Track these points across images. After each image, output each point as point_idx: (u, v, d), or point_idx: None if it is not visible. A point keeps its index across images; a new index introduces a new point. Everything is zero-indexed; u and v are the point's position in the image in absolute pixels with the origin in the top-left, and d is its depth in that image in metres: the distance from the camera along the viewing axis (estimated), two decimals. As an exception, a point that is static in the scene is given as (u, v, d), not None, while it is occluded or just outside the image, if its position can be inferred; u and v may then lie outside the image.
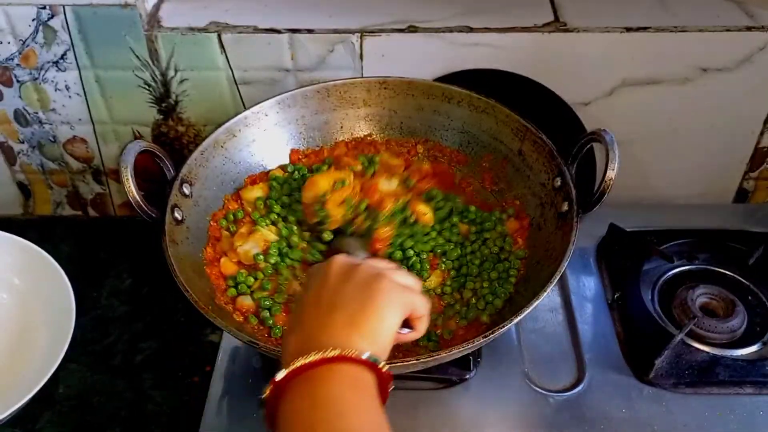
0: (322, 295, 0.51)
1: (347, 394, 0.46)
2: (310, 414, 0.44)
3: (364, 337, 0.48)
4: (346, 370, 0.46)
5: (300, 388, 0.46)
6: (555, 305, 0.78)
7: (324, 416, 0.44)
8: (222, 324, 0.59)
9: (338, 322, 0.48)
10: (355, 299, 0.50)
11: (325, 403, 0.45)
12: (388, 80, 0.77)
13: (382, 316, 0.49)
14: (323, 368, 0.46)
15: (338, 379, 0.46)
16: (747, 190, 0.91)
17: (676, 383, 0.69)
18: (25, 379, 0.69)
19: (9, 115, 0.84)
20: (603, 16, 0.78)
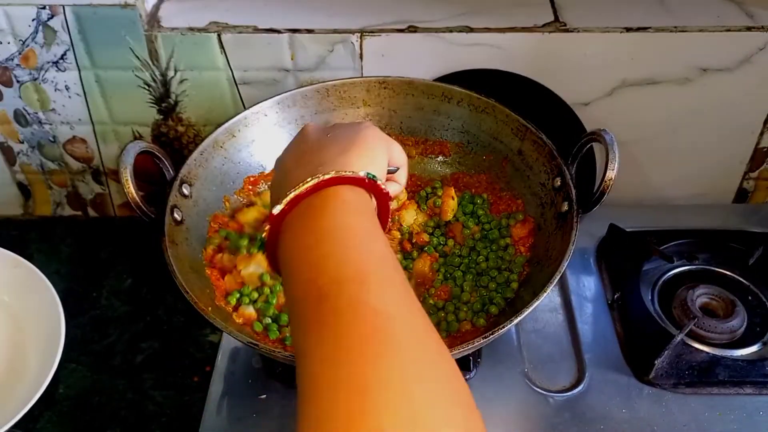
0: (303, 146, 0.49)
1: (351, 221, 0.42)
2: (315, 249, 0.41)
3: (360, 158, 0.46)
4: (345, 193, 0.43)
5: (300, 222, 0.43)
6: (555, 305, 0.78)
7: (330, 251, 0.40)
8: (221, 325, 0.59)
9: (329, 154, 0.46)
10: (341, 138, 0.48)
11: (330, 235, 0.41)
12: (388, 80, 0.77)
13: (371, 146, 0.48)
14: (321, 194, 0.43)
15: (339, 204, 0.43)
16: (747, 190, 0.91)
17: (676, 383, 0.69)
18: (16, 396, 0.69)
19: (9, 115, 0.84)
20: (603, 16, 0.78)
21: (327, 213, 0.42)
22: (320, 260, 0.40)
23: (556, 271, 0.60)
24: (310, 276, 0.40)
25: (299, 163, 0.47)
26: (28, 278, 0.77)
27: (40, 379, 0.68)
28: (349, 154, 0.46)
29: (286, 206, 0.43)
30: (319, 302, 0.38)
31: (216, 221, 0.72)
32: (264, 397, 0.69)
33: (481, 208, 0.75)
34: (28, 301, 0.77)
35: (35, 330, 0.75)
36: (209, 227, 0.71)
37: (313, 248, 0.41)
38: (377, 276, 0.39)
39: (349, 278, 0.39)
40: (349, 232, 0.42)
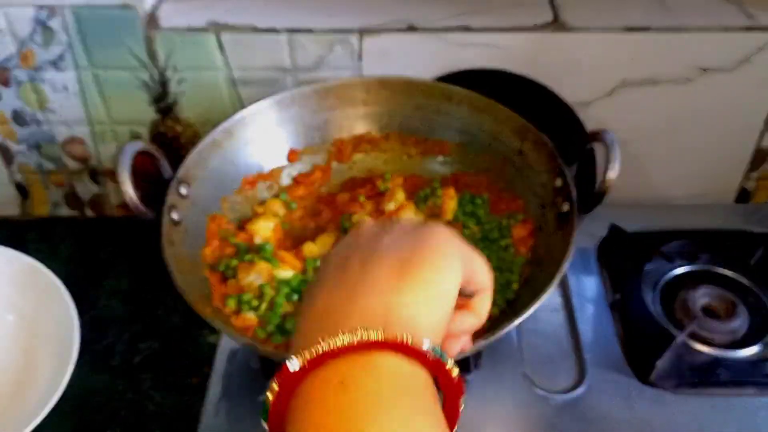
0: (350, 252, 0.35)
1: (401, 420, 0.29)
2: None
3: (419, 290, 0.32)
4: (395, 367, 0.30)
5: (322, 402, 0.30)
6: (555, 306, 0.77)
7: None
8: (220, 326, 0.59)
9: (379, 278, 0.32)
10: (398, 250, 0.34)
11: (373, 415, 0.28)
12: (388, 80, 0.77)
13: (438, 266, 0.33)
14: (358, 359, 0.30)
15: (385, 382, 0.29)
16: (748, 190, 0.91)
17: (677, 384, 0.69)
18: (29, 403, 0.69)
19: (7, 115, 0.84)
20: (603, 16, 0.78)
21: (363, 402, 0.29)
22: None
23: (557, 271, 0.60)
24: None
25: (339, 291, 0.34)
26: (42, 283, 0.76)
27: (54, 387, 0.68)
28: (411, 276, 0.33)
29: (305, 364, 0.31)
30: None
31: (215, 222, 0.71)
32: (263, 397, 0.68)
33: (481, 208, 0.75)
34: (42, 307, 0.76)
35: (49, 337, 0.74)
36: (207, 228, 0.71)
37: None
38: None
39: None
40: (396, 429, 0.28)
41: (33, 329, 0.76)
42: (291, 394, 0.31)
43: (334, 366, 0.30)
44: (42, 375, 0.72)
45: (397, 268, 0.33)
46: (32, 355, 0.74)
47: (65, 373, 0.68)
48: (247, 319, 0.65)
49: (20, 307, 0.78)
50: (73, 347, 0.70)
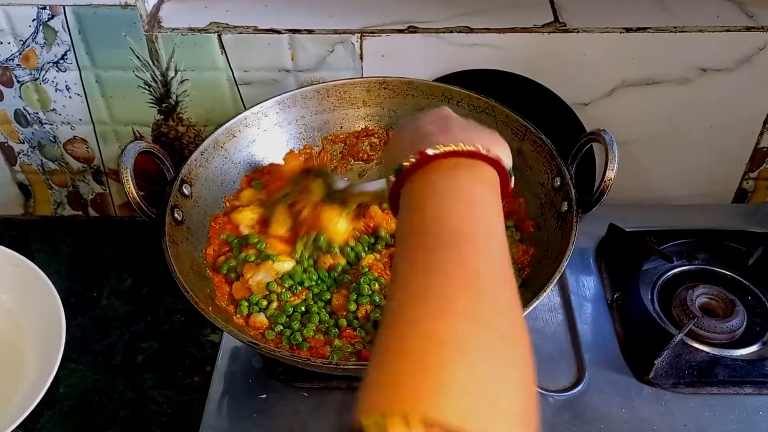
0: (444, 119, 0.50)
1: (476, 188, 0.45)
2: (435, 204, 0.43)
3: (496, 145, 0.47)
4: (475, 165, 0.46)
5: (428, 178, 0.45)
6: (555, 305, 0.78)
7: (453, 207, 0.42)
8: (222, 324, 0.59)
9: (472, 132, 0.47)
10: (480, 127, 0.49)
11: (456, 194, 0.43)
12: (388, 80, 0.77)
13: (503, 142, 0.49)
14: (451, 161, 0.45)
15: (468, 173, 0.45)
16: (747, 190, 0.91)
17: (675, 383, 0.69)
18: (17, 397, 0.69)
19: (9, 115, 0.84)
20: (603, 17, 0.78)
21: (460, 176, 0.45)
22: (438, 216, 0.42)
23: (556, 271, 0.60)
24: (424, 230, 0.42)
25: (442, 129, 0.48)
26: (28, 277, 0.77)
27: (42, 380, 0.68)
28: (490, 139, 0.48)
29: (433, 155, 0.45)
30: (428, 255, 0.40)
31: (217, 222, 0.72)
32: (264, 396, 0.69)
33: None
34: (28, 300, 0.77)
35: (35, 330, 0.75)
36: (210, 227, 0.71)
37: (433, 204, 0.43)
38: (486, 243, 0.41)
39: (460, 239, 0.40)
40: (474, 197, 0.44)
41: (18, 322, 0.77)
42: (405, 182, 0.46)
43: (437, 164, 0.45)
44: (29, 368, 0.72)
45: (482, 133, 0.48)
46: (19, 349, 0.75)
47: (53, 365, 0.69)
48: (259, 321, 0.66)
49: (3, 300, 0.78)
50: (60, 339, 0.71)
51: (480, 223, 0.42)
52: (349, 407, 0.64)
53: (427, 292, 0.37)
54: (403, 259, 0.41)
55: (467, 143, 0.45)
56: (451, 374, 0.33)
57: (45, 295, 0.75)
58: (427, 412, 0.31)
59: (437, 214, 0.42)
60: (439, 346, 0.34)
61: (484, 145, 0.46)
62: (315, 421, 0.67)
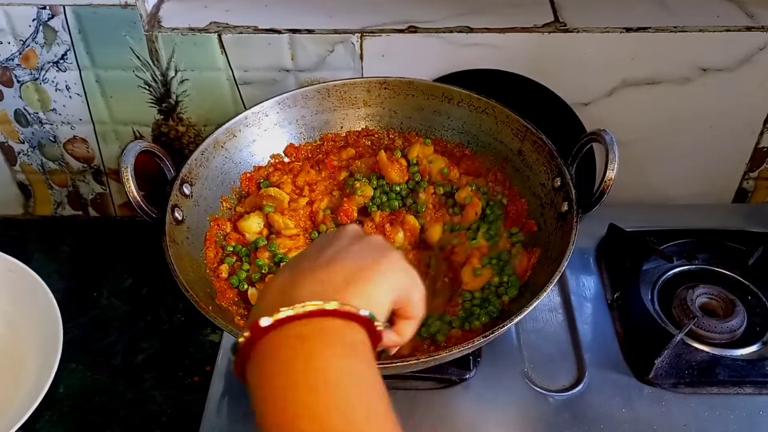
0: (325, 247, 0.46)
1: (346, 364, 0.39)
2: (297, 391, 0.37)
3: (360, 297, 0.42)
4: (341, 329, 0.40)
5: (286, 345, 0.39)
6: (555, 305, 0.78)
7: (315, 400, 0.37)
8: (222, 324, 0.59)
9: (334, 276, 0.43)
10: (359, 259, 0.44)
11: (320, 375, 0.37)
12: (388, 80, 0.77)
13: (380, 282, 0.44)
14: (315, 323, 0.40)
15: (333, 340, 0.39)
16: (747, 190, 0.91)
17: (675, 383, 0.69)
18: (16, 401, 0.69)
19: (9, 115, 0.84)
20: (603, 16, 0.78)
21: (318, 350, 0.39)
22: (304, 408, 0.37)
23: (556, 270, 0.60)
24: (286, 419, 0.37)
25: (308, 265, 0.44)
26: (24, 282, 0.76)
27: (40, 384, 0.68)
28: (353, 286, 0.42)
29: (274, 321, 0.39)
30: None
31: (216, 223, 0.72)
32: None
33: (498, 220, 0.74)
34: (25, 306, 0.76)
35: (33, 335, 0.74)
36: (210, 227, 0.71)
37: (295, 389, 0.37)
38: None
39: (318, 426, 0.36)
40: (342, 380, 0.38)
41: (16, 327, 0.76)
42: (258, 347, 0.40)
43: (297, 327, 0.40)
44: (28, 372, 0.72)
45: (352, 275, 0.43)
46: (17, 353, 0.74)
47: (51, 368, 0.69)
48: None
49: (2, 307, 0.78)
50: (58, 343, 0.70)
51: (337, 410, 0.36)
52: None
53: None
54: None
55: (310, 302, 0.40)
56: None
57: (42, 300, 0.74)
58: None
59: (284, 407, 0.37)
60: None
61: (340, 294, 0.41)
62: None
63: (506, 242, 0.72)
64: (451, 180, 0.77)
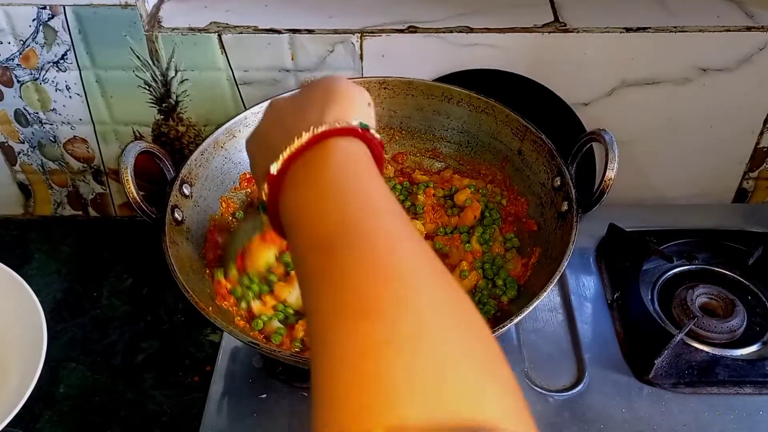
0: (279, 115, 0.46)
1: (351, 170, 0.41)
2: (318, 203, 0.40)
3: (346, 109, 0.44)
4: (341, 143, 0.42)
5: (299, 177, 0.42)
6: (555, 305, 0.78)
7: (334, 203, 0.39)
8: (222, 324, 0.59)
9: (312, 113, 0.44)
10: (318, 96, 0.45)
11: (332, 187, 0.40)
12: (388, 80, 0.77)
13: (351, 95, 0.46)
14: (317, 148, 0.42)
15: (337, 155, 0.42)
16: (747, 190, 0.91)
17: (675, 383, 0.69)
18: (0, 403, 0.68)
19: (9, 115, 0.85)
20: (603, 16, 0.78)
21: (326, 164, 0.41)
22: (324, 212, 0.39)
23: (556, 270, 0.60)
24: (314, 231, 0.38)
25: (283, 131, 0.44)
26: (5, 283, 0.75)
27: (23, 387, 0.66)
28: (334, 107, 0.44)
29: (282, 165, 0.42)
30: (327, 254, 0.36)
31: (214, 223, 0.71)
32: (264, 396, 0.69)
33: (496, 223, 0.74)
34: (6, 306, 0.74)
35: (16, 336, 0.73)
36: (208, 229, 0.71)
37: (316, 202, 0.40)
38: (385, 222, 0.38)
39: (356, 225, 0.37)
40: (350, 181, 0.41)
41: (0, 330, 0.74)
42: (279, 192, 0.43)
43: (303, 158, 0.42)
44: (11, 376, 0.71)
45: (322, 99, 0.45)
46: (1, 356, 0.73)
47: (34, 373, 0.67)
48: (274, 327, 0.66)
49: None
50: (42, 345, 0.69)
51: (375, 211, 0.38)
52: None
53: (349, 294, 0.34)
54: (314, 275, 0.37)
55: (315, 127, 0.42)
56: (400, 372, 0.30)
57: (24, 300, 0.73)
58: (387, 422, 0.28)
59: (326, 220, 0.38)
60: (378, 346, 0.31)
61: (334, 117, 0.43)
62: (315, 421, 0.67)
63: (500, 247, 0.72)
64: (450, 182, 0.77)
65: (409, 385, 0.29)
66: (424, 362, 0.30)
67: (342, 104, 0.45)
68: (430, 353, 0.31)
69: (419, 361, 0.30)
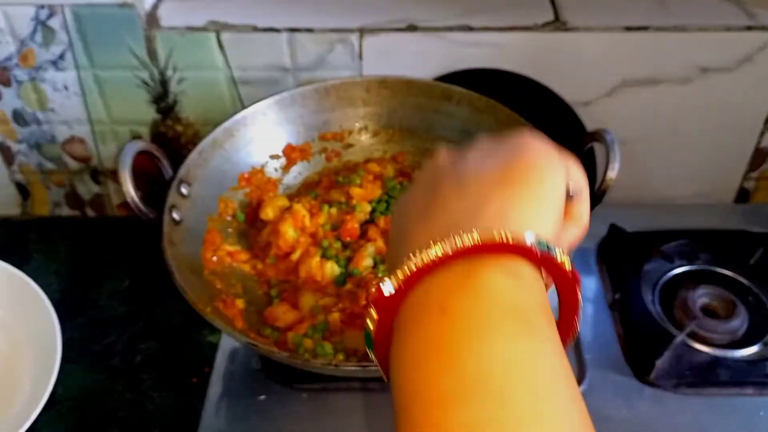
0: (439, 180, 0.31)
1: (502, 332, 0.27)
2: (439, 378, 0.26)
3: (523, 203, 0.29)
4: (495, 276, 0.27)
5: (419, 318, 0.27)
6: (555, 305, 0.77)
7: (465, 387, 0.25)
8: (220, 325, 0.59)
9: (470, 198, 0.29)
10: (494, 163, 0.31)
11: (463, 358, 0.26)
12: (388, 80, 0.77)
13: (542, 167, 0.31)
14: (458, 273, 0.27)
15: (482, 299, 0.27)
16: (748, 190, 0.91)
17: (676, 384, 0.69)
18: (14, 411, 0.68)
19: (7, 114, 0.84)
20: (603, 16, 0.78)
21: (462, 330, 0.27)
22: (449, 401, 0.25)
23: (557, 271, 0.60)
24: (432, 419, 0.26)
25: (426, 215, 0.30)
26: (20, 290, 0.75)
27: (38, 394, 0.67)
28: (510, 190, 0.30)
29: (401, 285, 0.28)
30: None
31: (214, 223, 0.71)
32: (263, 397, 0.69)
33: None
34: (20, 312, 0.75)
35: (30, 342, 0.73)
36: (207, 230, 0.71)
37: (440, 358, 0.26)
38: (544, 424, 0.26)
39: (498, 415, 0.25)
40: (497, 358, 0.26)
41: (14, 337, 0.75)
42: (392, 321, 0.29)
43: (432, 286, 0.28)
44: (26, 382, 0.71)
45: (499, 178, 0.30)
46: (15, 363, 0.73)
47: (50, 378, 0.68)
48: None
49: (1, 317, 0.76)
50: (56, 352, 0.70)
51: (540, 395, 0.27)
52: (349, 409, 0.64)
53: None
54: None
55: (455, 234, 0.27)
56: None
57: (37, 306, 0.73)
58: None
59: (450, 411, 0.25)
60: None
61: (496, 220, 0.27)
62: (314, 423, 0.66)
63: None
64: None
65: None
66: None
67: (518, 193, 0.30)
68: None
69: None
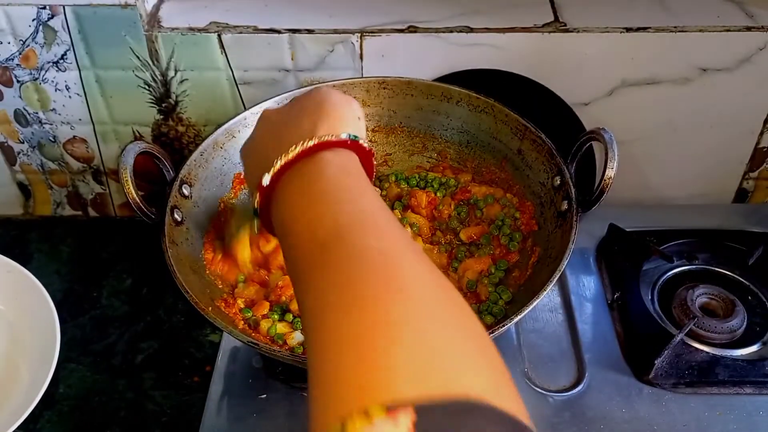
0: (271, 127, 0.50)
1: (341, 180, 0.44)
2: (309, 209, 0.42)
3: (336, 122, 0.47)
4: (330, 156, 0.45)
5: (290, 187, 0.45)
6: (555, 305, 0.78)
7: (325, 209, 0.41)
8: (222, 325, 0.59)
9: (303, 126, 0.47)
10: (309, 109, 0.48)
11: (322, 195, 0.43)
12: (388, 80, 0.77)
13: (340, 108, 0.48)
14: (307, 161, 0.45)
15: (326, 166, 0.44)
16: (747, 190, 0.91)
17: (675, 383, 0.69)
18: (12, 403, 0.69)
19: (9, 115, 0.84)
20: (603, 16, 0.78)
21: (316, 175, 0.44)
22: (316, 218, 0.41)
23: (556, 270, 0.60)
24: (308, 235, 0.41)
25: (275, 142, 0.47)
26: (20, 283, 0.76)
27: (36, 387, 0.67)
28: (325, 121, 0.47)
29: (273, 176, 0.45)
30: (321, 253, 0.39)
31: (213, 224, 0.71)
32: (264, 396, 0.69)
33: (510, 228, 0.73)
34: (21, 306, 0.76)
35: (30, 336, 0.74)
36: (208, 228, 0.71)
37: (307, 209, 0.42)
38: (376, 223, 0.40)
39: (348, 227, 0.39)
40: (340, 189, 0.43)
41: (12, 329, 0.76)
42: (271, 200, 0.46)
43: (293, 169, 0.45)
44: (23, 374, 0.72)
45: (313, 112, 0.48)
46: (13, 356, 0.74)
47: (48, 371, 0.68)
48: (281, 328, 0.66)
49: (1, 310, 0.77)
50: (54, 346, 0.70)
51: (365, 211, 0.41)
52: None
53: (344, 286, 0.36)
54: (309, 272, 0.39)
55: (306, 140, 0.45)
56: (394, 352, 0.32)
57: (38, 301, 0.74)
58: (383, 399, 0.30)
59: (318, 223, 0.41)
60: (373, 330, 0.33)
61: (324, 131, 0.45)
62: (315, 421, 0.67)
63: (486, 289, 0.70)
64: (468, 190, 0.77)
65: (403, 364, 0.31)
66: (416, 342, 0.32)
67: (332, 117, 0.47)
68: (421, 334, 0.33)
69: (411, 341, 0.32)
